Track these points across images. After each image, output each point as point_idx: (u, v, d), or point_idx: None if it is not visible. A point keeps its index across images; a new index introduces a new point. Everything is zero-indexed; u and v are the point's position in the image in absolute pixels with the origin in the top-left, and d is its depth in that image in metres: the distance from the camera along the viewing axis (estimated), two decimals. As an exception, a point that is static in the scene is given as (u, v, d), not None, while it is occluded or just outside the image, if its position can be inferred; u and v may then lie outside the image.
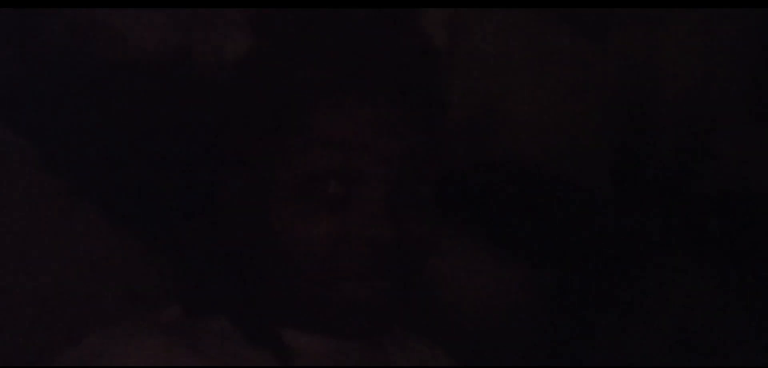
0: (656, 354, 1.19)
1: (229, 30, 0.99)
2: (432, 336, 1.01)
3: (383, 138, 0.82)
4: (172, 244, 0.89)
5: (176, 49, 1.02)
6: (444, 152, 0.90)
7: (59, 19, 1.02)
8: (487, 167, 1.26)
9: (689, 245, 1.22)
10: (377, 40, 0.85)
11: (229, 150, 0.86)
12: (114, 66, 1.01)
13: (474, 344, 1.18)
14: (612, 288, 1.22)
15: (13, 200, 0.97)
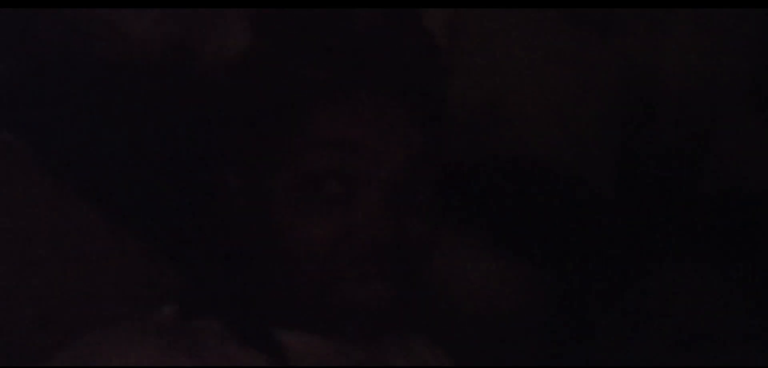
0: (657, 353, 1.18)
1: (230, 28, 0.99)
2: (432, 335, 1.00)
3: (383, 138, 0.81)
4: (171, 244, 0.89)
5: (176, 47, 1.01)
6: (445, 152, 0.89)
7: (59, 18, 1.02)
8: (490, 164, 1.25)
9: (691, 244, 1.22)
10: (377, 39, 0.84)
11: (229, 149, 0.86)
12: (114, 64, 1.01)
13: (475, 343, 1.17)
14: (614, 287, 1.21)
15: (12, 200, 0.97)
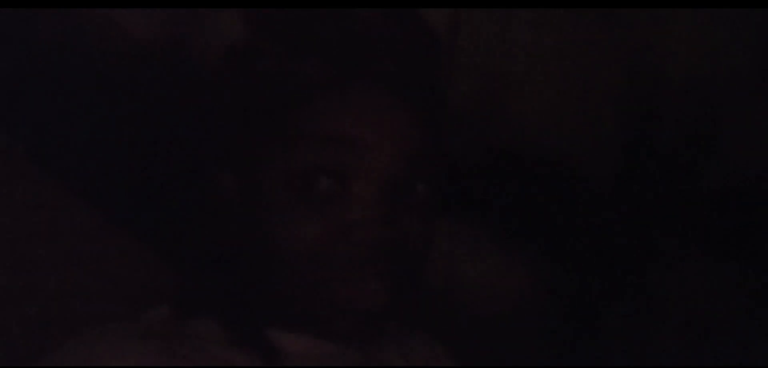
0: (662, 349, 1.17)
1: (223, 21, 0.98)
2: (433, 333, 0.99)
3: (379, 134, 0.80)
4: (166, 243, 0.88)
5: (170, 38, 1.01)
6: (443, 148, 0.87)
7: (54, 11, 1.02)
8: (493, 157, 1.24)
9: (696, 239, 1.20)
10: (373, 33, 0.82)
11: (221, 144, 0.85)
12: (108, 56, 1.01)
13: (477, 341, 1.17)
14: (618, 282, 1.20)
15: (8, 201, 0.97)
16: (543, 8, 1.21)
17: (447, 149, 0.89)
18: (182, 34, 1.01)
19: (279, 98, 0.81)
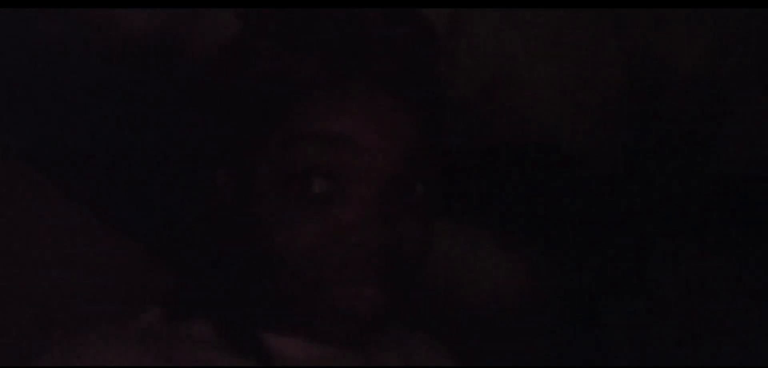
0: (664, 346, 1.15)
1: (220, 18, 0.97)
2: (434, 332, 0.98)
3: (375, 132, 0.78)
4: (160, 244, 0.87)
5: (167, 35, 1.00)
6: (443, 147, 0.86)
7: (52, 11, 1.01)
8: (493, 154, 1.23)
9: (698, 233, 1.18)
10: (369, 29, 0.81)
11: (217, 142, 0.83)
12: (106, 53, 1.00)
13: (478, 339, 1.15)
14: (623, 275, 1.18)
15: (2, 202, 0.96)
16: (543, 8, 1.19)
17: (447, 148, 0.87)
18: (179, 31, 1.00)
19: (275, 96, 0.79)
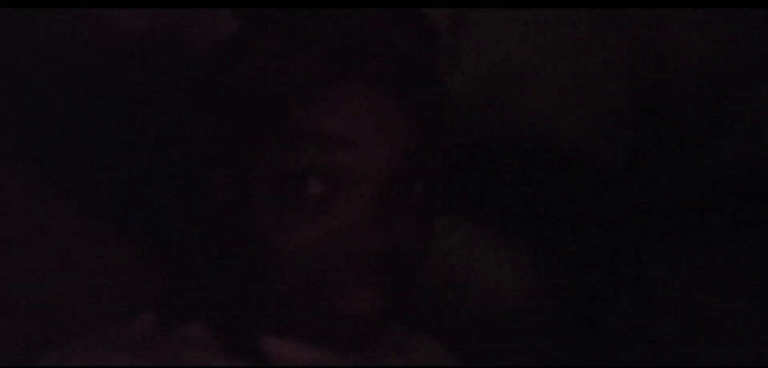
0: (668, 339, 1.14)
1: (217, 15, 0.95)
2: (435, 332, 0.97)
3: (373, 133, 0.76)
4: (154, 245, 0.86)
5: (163, 33, 0.98)
6: (444, 146, 0.84)
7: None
8: (494, 152, 1.21)
9: (702, 224, 1.17)
10: (369, 30, 0.79)
11: (213, 142, 0.81)
12: (101, 51, 0.98)
13: (479, 338, 1.14)
14: (623, 270, 1.17)
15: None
16: (543, 7, 1.18)
17: (448, 147, 0.86)
18: (176, 31, 0.98)
19: (271, 95, 0.78)
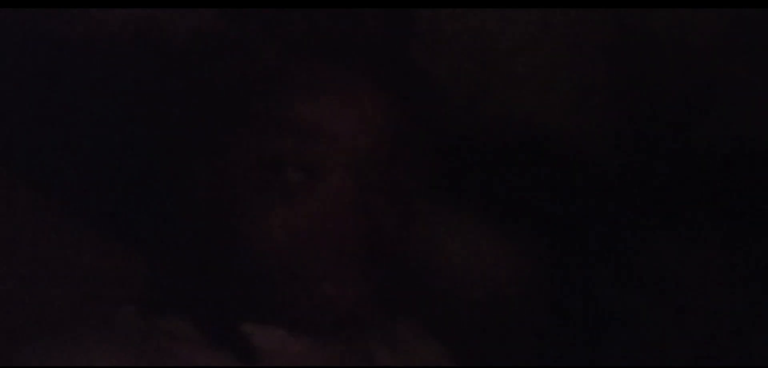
0: (663, 323, 1.14)
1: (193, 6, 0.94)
2: (421, 319, 0.96)
3: (349, 119, 0.76)
4: (133, 237, 0.84)
5: (141, 23, 0.97)
6: (425, 131, 0.84)
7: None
8: (480, 136, 1.21)
9: (696, 207, 1.17)
10: (344, 16, 0.79)
11: (191, 132, 0.81)
12: (78, 43, 0.96)
13: (467, 326, 1.13)
14: (612, 250, 1.17)
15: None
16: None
17: (430, 131, 0.85)
18: (151, 19, 0.96)
19: (247, 84, 0.78)
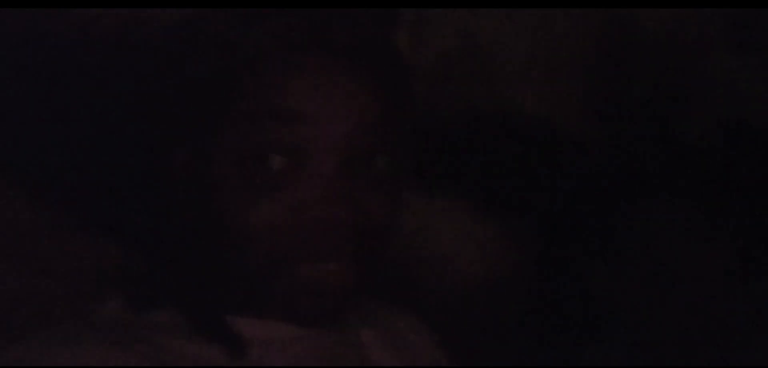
0: (646, 302, 1.14)
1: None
2: (410, 307, 0.95)
3: (333, 107, 0.76)
4: (117, 230, 0.83)
5: (122, 20, 0.96)
6: (407, 117, 0.83)
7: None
8: (466, 123, 1.20)
9: (676, 184, 1.17)
10: (325, 2, 0.78)
11: (173, 121, 0.80)
12: (58, 37, 0.96)
13: (458, 314, 1.13)
14: (598, 234, 1.17)
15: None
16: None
17: (412, 117, 0.85)
18: (132, 14, 0.96)
19: (229, 71, 0.77)
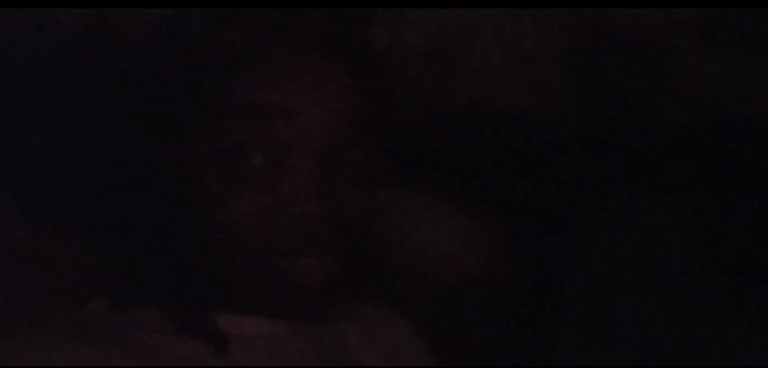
0: (624, 296, 1.15)
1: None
2: (393, 304, 0.96)
3: (310, 102, 0.77)
4: (97, 231, 0.83)
5: (94, 17, 0.95)
6: (385, 111, 0.84)
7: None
8: (444, 118, 1.21)
9: (652, 180, 1.18)
10: None
11: (152, 120, 0.80)
12: (37, 38, 0.95)
13: (439, 310, 1.13)
14: (575, 230, 1.18)
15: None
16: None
17: (391, 112, 0.86)
18: (110, 13, 0.95)
19: (206, 68, 0.77)
